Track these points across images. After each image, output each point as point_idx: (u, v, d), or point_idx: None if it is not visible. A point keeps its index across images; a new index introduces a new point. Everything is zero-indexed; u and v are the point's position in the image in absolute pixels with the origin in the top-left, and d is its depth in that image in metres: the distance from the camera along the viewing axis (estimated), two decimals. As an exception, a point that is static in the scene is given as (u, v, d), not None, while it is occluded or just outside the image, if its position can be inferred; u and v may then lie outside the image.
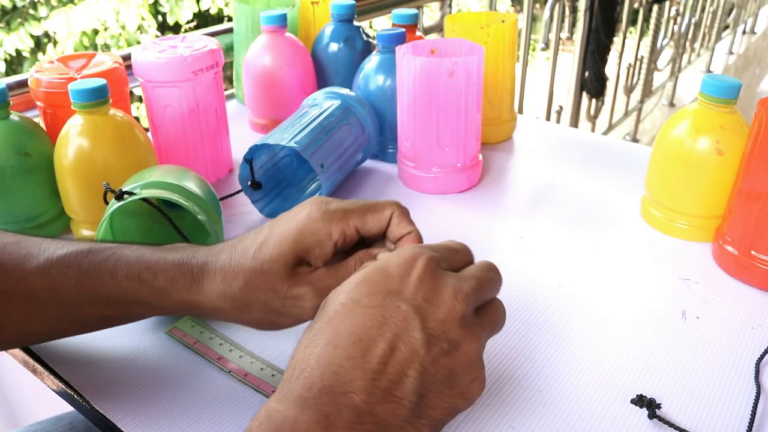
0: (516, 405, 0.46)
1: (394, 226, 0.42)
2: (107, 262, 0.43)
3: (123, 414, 0.45)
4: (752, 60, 3.94)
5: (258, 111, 0.88)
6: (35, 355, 0.51)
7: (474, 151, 0.73)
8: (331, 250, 0.42)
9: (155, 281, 0.43)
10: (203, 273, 0.42)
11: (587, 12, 2.04)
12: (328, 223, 0.41)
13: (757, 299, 0.56)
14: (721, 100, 0.58)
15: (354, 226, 0.42)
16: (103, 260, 0.43)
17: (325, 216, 0.41)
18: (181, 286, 0.42)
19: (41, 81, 0.68)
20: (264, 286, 0.41)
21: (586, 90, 2.21)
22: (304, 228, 0.41)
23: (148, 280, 0.43)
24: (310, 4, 0.93)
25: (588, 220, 0.68)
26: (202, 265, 0.43)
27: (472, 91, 0.68)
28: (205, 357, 0.50)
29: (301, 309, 0.42)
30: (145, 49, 0.71)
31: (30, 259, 0.43)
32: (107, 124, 0.61)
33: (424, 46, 0.72)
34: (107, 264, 0.43)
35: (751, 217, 0.56)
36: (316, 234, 0.41)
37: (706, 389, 0.47)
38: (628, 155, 0.82)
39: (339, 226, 0.41)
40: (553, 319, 0.54)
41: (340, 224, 0.41)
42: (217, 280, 0.42)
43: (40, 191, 0.65)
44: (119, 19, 3.47)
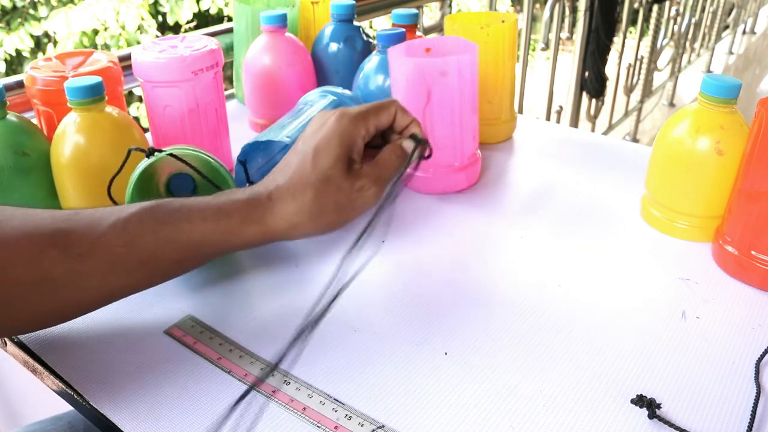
0: (516, 405, 0.46)
1: (399, 119, 0.52)
2: (181, 210, 0.48)
3: (122, 413, 0.45)
4: (752, 60, 3.94)
5: (258, 111, 0.88)
6: (35, 355, 0.51)
7: (471, 149, 0.73)
8: (362, 146, 0.50)
9: (231, 220, 0.48)
10: (272, 200, 0.48)
11: (587, 12, 2.04)
12: (356, 124, 0.49)
13: (757, 299, 0.56)
14: (721, 100, 0.58)
15: (374, 123, 0.50)
16: (176, 209, 0.48)
17: (353, 119, 0.49)
18: (256, 218, 0.48)
19: (36, 79, 0.68)
20: (332, 189, 0.48)
21: (586, 90, 2.21)
22: (342, 132, 0.49)
23: (223, 219, 0.48)
24: (310, 4, 0.93)
25: (588, 220, 0.68)
26: (269, 194, 0.49)
27: (466, 90, 0.68)
28: (205, 357, 0.50)
29: (365, 197, 0.50)
30: (145, 49, 0.71)
31: (100, 221, 0.46)
32: (103, 120, 0.62)
33: (419, 46, 0.72)
34: (182, 212, 0.48)
35: (751, 217, 0.56)
36: (352, 134, 0.49)
37: (706, 389, 0.47)
38: (628, 155, 0.82)
39: (365, 126, 0.50)
40: (552, 319, 0.54)
41: (365, 123, 0.50)
42: (289, 200, 0.48)
43: (38, 191, 0.65)
44: (119, 19, 3.46)
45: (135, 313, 0.55)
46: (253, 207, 0.48)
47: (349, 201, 0.49)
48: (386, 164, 0.50)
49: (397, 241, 0.65)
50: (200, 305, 0.56)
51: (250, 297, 0.57)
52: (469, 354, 0.50)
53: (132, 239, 0.46)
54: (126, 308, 0.55)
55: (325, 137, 0.49)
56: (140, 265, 0.47)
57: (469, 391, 0.47)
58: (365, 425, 0.44)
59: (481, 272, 0.60)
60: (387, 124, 0.51)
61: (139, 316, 0.55)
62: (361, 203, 0.50)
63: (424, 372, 0.48)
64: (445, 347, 0.51)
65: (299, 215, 0.48)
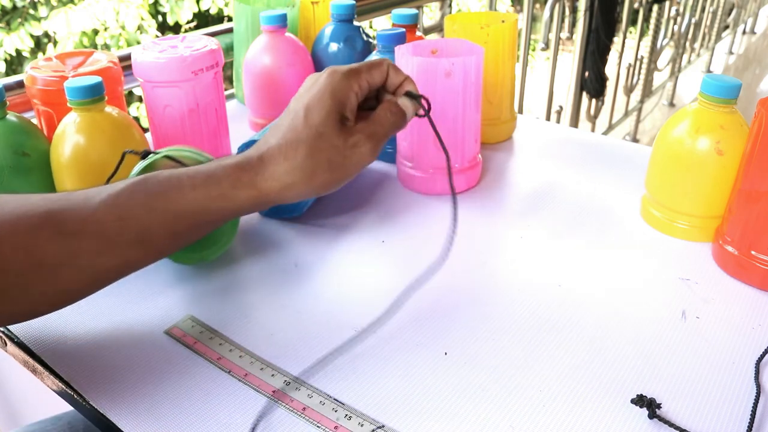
0: (516, 405, 0.46)
1: (391, 76, 0.52)
2: (170, 180, 0.47)
3: (122, 413, 0.45)
4: (752, 60, 3.94)
5: (258, 111, 0.88)
6: (35, 355, 0.51)
7: (473, 152, 0.73)
8: (356, 103, 0.50)
9: (221, 185, 0.47)
10: (263, 162, 0.48)
11: (587, 12, 2.04)
12: (348, 80, 0.49)
13: (757, 299, 0.56)
14: (721, 100, 0.58)
15: (366, 80, 0.50)
16: (166, 179, 0.47)
17: (344, 76, 0.49)
18: (247, 180, 0.47)
19: (36, 79, 0.68)
20: (325, 146, 0.48)
21: (586, 90, 2.21)
22: (334, 88, 0.48)
23: (215, 182, 0.47)
24: (310, 4, 0.93)
25: (588, 220, 0.68)
26: (259, 156, 0.48)
27: (470, 92, 0.68)
28: (205, 357, 0.50)
29: (359, 154, 0.49)
30: (145, 49, 0.71)
31: (91, 198, 0.46)
32: (103, 121, 0.62)
33: (425, 47, 0.72)
34: (171, 181, 0.47)
35: (751, 217, 0.56)
36: (344, 90, 0.48)
37: (706, 389, 0.47)
38: (628, 155, 0.82)
39: (357, 82, 0.49)
40: (553, 319, 0.54)
41: (357, 79, 0.49)
42: (280, 160, 0.47)
43: (38, 191, 0.64)
44: (119, 19, 3.46)
45: (135, 313, 0.55)
46: (243, 170, 0.47)
47: (342, 158, 0.48)
48: (381, 120, 0.50)
49: (397, 241, 0.65)
50: (200, 305, 0.56)
51: (250, 297, 0.57)
52: (469, 354, 0.50)
53: (124, 213, 0.45)
54: (126, 308, 0.55)
55: (316, 94, 0.48)
56: (135, 241, 0.46)
57: (469, 391, 0.47)
58: (365, 425, 0.44)
59: (481, 272, 0.60)
60: (380, 81, 0.51)
61: (139, 316, 0.55)
62: (355, 160, 0.49)
63: (424, 372, 0.48)
64: (445, 347, 0.51)
65: (292, 174, 0.47)
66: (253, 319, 0.54)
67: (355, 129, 0.49)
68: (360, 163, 0.49)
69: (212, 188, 0.47)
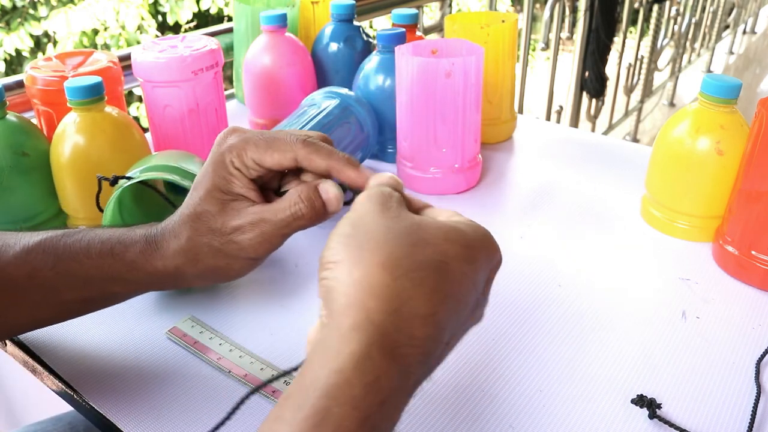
0: (516, 405, 0.46)
1: (307, 164, 0.41)
2: (81, 242, 0.44)
3: (122, 414, 0.45)
4: (752, 60, 3.94)
5: (258, 111, 0.88)
6: (35, 355, 0.51)
7: (473, 152, 0.73)
8: (243, 179, 0.42)
9: (127, 254, 0.43)
10: (162, 237, 0.44)
11: (587, 12, 2.04)
12: (230, 151, 0.42)
13: (757, 299, 0.56)
14: (722, 100, 0.58)
15: (251, 158, 0.41)
16: (77, 241, 0.44)
17: (230, 146, 0.42)
18: (149, 255, 0.43)
19: (36, 79, 0.68)
20: (203, 228, 0.42)
21: (586, 90, 2.21)
22: (215, 160, 0.42)
23: (120, 254, 0.43)
24: (310, 4, 0.93)
25: (588, 220, 0.68)
26: (161, 230, 0.44)
27: (470, 93, 0.68)
28: (205, 357, 0.50)
29: (238, 245, 0.42)
30: (145, 49, 0.71)
31: (6, 249, 0.44)
32: (103, 120, 0.62)
33: (425, 47, 0.72)
34: (81, 244, 0.44)
35: (751, 217, 0.55)
36: (223, 165, 0.42)
37: (706, 389, 0.47)
38: (628, 155, 0.82)
39: (236, 156, 0.41)
40: (553, 319, 0.53)
41: (236, 153, 0.41)
42: (171, 239, 0.43)
43: (37, 191, 0.65)
44: (119, 19, 3.46)
45: (135, 314, 0.55)
46: (147, 243, 0.44)
47: (223, 245, 0.42)
48: (277, 207, 0.41)
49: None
50: (200, 306, 0.56)
51: (250, 297, 0.57)
52: (469, 354, 0.50)
53: (33, 272, 0.43)
54: (126, 309, 0.55)
55: (205, 165, 0.43)
56: (43, 302, 0.44)
57: (468, 391, 0.47)
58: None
59: (481, 272, 0.60)
60: (274, 166, 0.41)
61: (140, 316, 0.55)
62: (233, 250, 0.42)
63: (424, 372, 0.48)
64: (445, 347, 0.51)
65: (178, 256, 0.43)
66: (253, 319, 0.54)
67: (241, 212, 0.41)
68: (240, 255, 0.42)
69: (118, 257, 0.43)
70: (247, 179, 0.42)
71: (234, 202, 0.42)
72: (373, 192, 0.35)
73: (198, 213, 0.42)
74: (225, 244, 0.42)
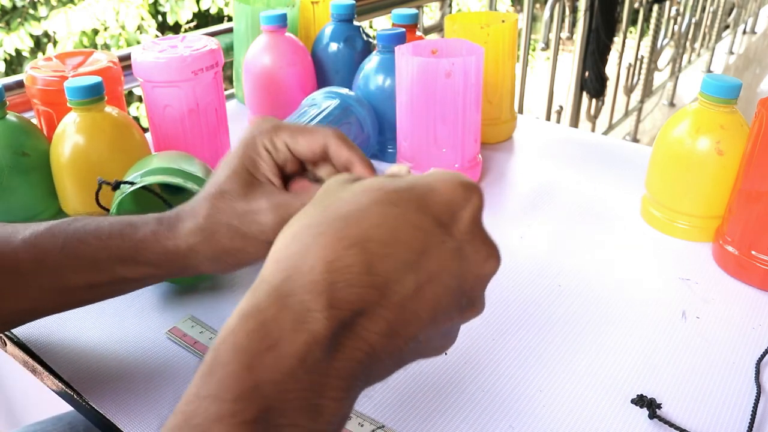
0: (516, 405, 0.46)
1: (333, 153, 0.42)
2: (90, 225, 0.44)
3: (122, 414, 0.45)
4: (752, 60, 3.94)
5: (258, 111, 0.88)
6: (35, 355, 0.51)
7: (473, 152, 0.73)
8: (270, 164, 0.42)
9: (136, 234, 0.44)
10: (178, 217, 0.44)
11: (587, 12, 2.04)
12: (262, 135, 0.42)
13: (757, 299, 0.56)
14: (722, 100, 0.58)
15: (283, 140, 0.42)
16: (86, 224, 0.45)
17: (263, 129, 0.42)
18: (161, 235, 0.43)
19: (36, 79, 0.68)
20: (224, 207, 0.42)
21: (586, 90, 2.21)
22: (246, 142, 0.43)
23: (130, 234, 0.44)
24: (310, 4, 0.93)
25: (588, 220, 0.68)
26: (177, 211, 0.44)
27: (470, 93, 0.68)
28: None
29: (259, 225, 0.42)
30: (145, 49, 0.71)
31: (15, 234, 0.44)
32: (103, 120, 0.62)
33: (425, 47, 0.72)
34: (90, 226, 0.44)
35: (751, 217, 0.55)
36: (254, 147, 0.42)
37: (706, 389, 0.47)
38: (628, 155, 0.82)
39: (271, 140, 0.42)
40: (553, 319, 0.54)
41: (272, 138, 0.42)
42: (188, 218, 0.43)
43: (37, 191, 0.65)
44: (119, 19, 3.46)
45: (135, 314, 0.55)
46: (160, 223, 0.44)
47: (241, 224, 0.42)
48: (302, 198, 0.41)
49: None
50: (200, 306, 0.56)
51: (250, 297, 0.57)
52: (470, 353, 0.50)
53: (42, 255, 0.43)
54: (126, 308, 0.55)
55: (234, 150, 0.43)
56: (49, 287, 0.44)
57: (468, 391, 0.47)
58: (365, 425, 0.44)
59: (481, 272, 0.60)
60: (306, 151, 0.42)
61: (140, 316, 0.55)
62: (254, 230, 0.42)
63: (423, 372, 0.48)
64: (445, 347, 0.51)
65: (194, 235, 0.43)
66: (253, 319, 0.54)
67: (262, 193, 0.42)
68: (261, 237, 0.42)
69: (128, 238, 0.43)
70: (274, 163, 0.43)
71: (258, 185, 0.42)
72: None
73: (222, 191, 0.42)
74: (245, 224, 0.42)
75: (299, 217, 0.30)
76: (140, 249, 0.44)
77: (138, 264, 0.44)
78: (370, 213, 0.29)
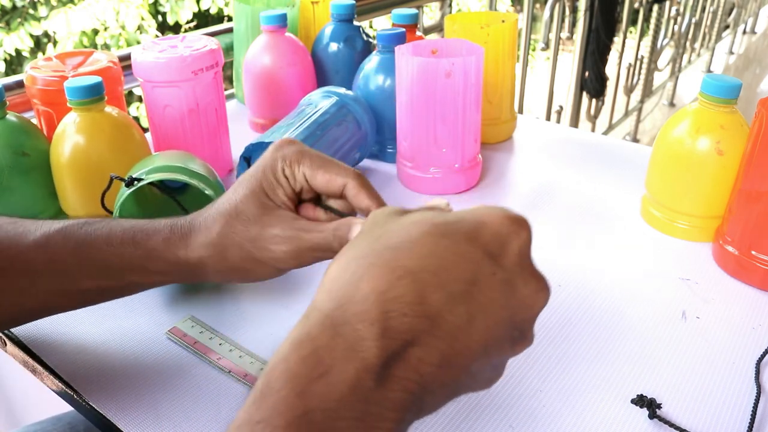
0: (516, 405, 0.46)
1: (351, 196, 0.42)
2: (102, 230, 0.45)
3: (122, 414, 0.45)
4: (752, 60, 3.94)
5: (258, 111, 0.88)
6: (35, 355, 0.51)
7: (473, 152, 0.73)
8: (288, 189, 0.43)
9: (149, 242, 0.44)
10: (191, 228, 0.44)
11: (587, 12, 2.04)
12: (282, 160, 0.42)
13: (757, 299, 0.56)
14: (722, 100, 0.58)
15: (303, 172, 0.42)
16: (98, 229, 0.45)
17: (281, 153, 0.43)
18: (173, 244, 0.44)
19: (36, 79, 0.68)
20: (238, 228, 0.42)
21: (586, 90, 2.21)
22: (265, 167, 0.43)
23: (142, 242, 0.44)
24: (310, 4, 0.93)
25: (588, 220, 0.68)
26: (190, 221, 0.44)
27: (470, 93, 0.68)
28: (205, 357, 0.50)
29: (271, 253, 0.42)
30: (145, 49, 0.71)
31: (27, 234, 0.44)
32: (103, 120, 0.62)
33: (425, 47, 0.72)
34: (102, 231, 0.44)
35: (751, 217, 0.55)
36: (274, 171, 0.43)
37: (706, 389, 0.47)
38: (628, 155, 0.82)
39: (289, 165, 0.42)
40: (553, 319, 0.53)
41: (290, 163, 0.42)
42: (201, 230, 0.43)
43: (37, 191, 0.65)
44: (119, 19, 3.46)
45: (135, 314, 0.55)
46: (172, 232, 0.44)
47: (253, 248, 0.42)
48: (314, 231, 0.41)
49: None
50: (200, 306, 0.56)
51: (251, 297, 0.57)
52: (469, 354, 0.50)
53: (53, 257, 0.44)
54: (126, 309, 0.55)
55: (254, 168, 0.44)
56: (59, 289, 0.45)
57: (469, 391, 0.47)
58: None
59: (481, 272, 0.60)
60: (323, 189, 0.42)
61: (140, 316, 0.55)
62: (265, 257, 0.42)
63: (424, 372, 0.48)
64: (445, 347, 0.51)
65: (206, 248, 0.43)
66: (253, 319, 0.54)
67: (278, 219, 0.42)
68: (270, 264, 0.43)
69: (140, 245, 0.44)
70: (292, 190, 0.43)
71: (273, 210, 0.42)
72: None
73: (238, 211, 0.42)
74: (256, 249, 0.42)
75: (350, 248, 0.31)
76: (152, 257, 0.44)
77: (148, 272, 0.45)
78: (420, 244, 0.29)
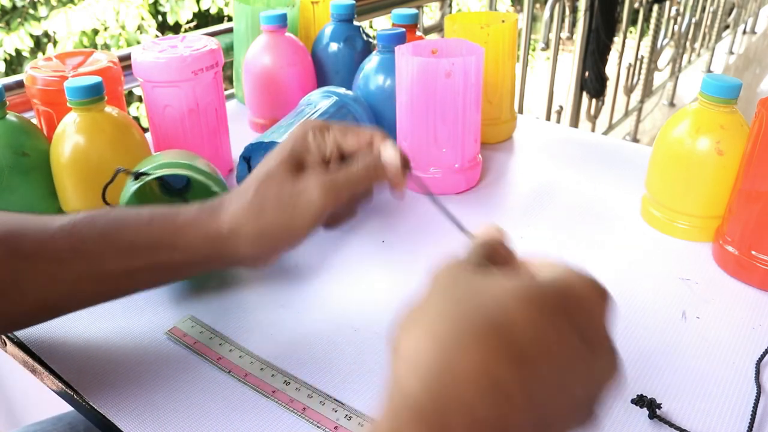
0: (516, 405, 0.45)
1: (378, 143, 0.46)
2: (130, 212, 0.47)
3: (122, 414, 0.45)
4: (752, 60, 3.94)
5: (258, 111, 0.88)
6: (35, 355, 0.51)
7: (473, 152, 0.73)
8: (317, 156, 0.47)
9: (178, 218, 0.46)
10: (221, 203, 0.47)
11: (587, 12, 2.04)
12: (313, 130, 0.47)
13: (757, 299, 0.56)
14: (722, 100, 0.58)
15: (333, 136, 0.47)
16: (125, 211, 0.47)
17: (313, 126, 0.47)
18: (202, 220, 0.46)
19: (36, 79, 0.68)
20: (273, 183, 0.45)
21: (586, 90, 2.21)
22: (295, 137, 0.47)
23: (171, 218, 0.46)
24: (310, 4, 0.93)
25: (588, 220, 0.68)
26: (221, 198, 0.47)
27: (470, 93, 0.68)
28: (205, 357, 0.50)
29: (308, 197, 0.45)
30: (145, 49, 0.71)
31: (53, 221, 0.45)
32: (103, 120, 0.62)
33: (425, 47, 0.72)
34: (130, 213, 0.47)
35: (751, 217, 0.55)
36: (303, 141, 0.47)
37: (706, 389, 0.47)
38: (628, 155, 0.82)
39: (321, 134, 0.47)
40: (553, 319, 0.53)
41: (322, 132, 0.47)
42: (233, 200, 0.46)
43: (38, 191, 0.65)
44: (119, 19, 3.46)
45: (135, 314, 0.55)
46: (201, 209, 0.46)
47: (290, 197, 0.45)
48: (342, 170, 0.45)
49: (397, 241, 0.65)
50: (200, 306, 0.56)
51: (250, 297, 0.57)
52: (469, 354, 0.50)
53: (80, 242, 0.44)
54: (126, 309, 0.55)
55: (284, 141, 0.47)
56: (87, 274, 0.45)
57: (469, 391, 0.47)
58: (365, 425, 0.44)
59: (481, 272, 0.60)
60: (351, 145, 0.47)
61: (140, 316, 0.55)
62: (304, 201, 0.45)
63: (424, 372, 0.48)
64: (445, 347, 0.51)
65: (241, 212, 0.45)
66: (253, 319, 0.54)
67: (315, 174, 0.45)
68: (309, 207, 0.45)
69: (169, 221, 0.46)
70: (321, 157, 0.47)
71: (305, 170, 0.46)
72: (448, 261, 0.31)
73: (270, 174, 0.46)
74: (294, 196, 0.45)
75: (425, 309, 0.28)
76: (180, 233, 0.45)
77: (176, 249, 0.46)
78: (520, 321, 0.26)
